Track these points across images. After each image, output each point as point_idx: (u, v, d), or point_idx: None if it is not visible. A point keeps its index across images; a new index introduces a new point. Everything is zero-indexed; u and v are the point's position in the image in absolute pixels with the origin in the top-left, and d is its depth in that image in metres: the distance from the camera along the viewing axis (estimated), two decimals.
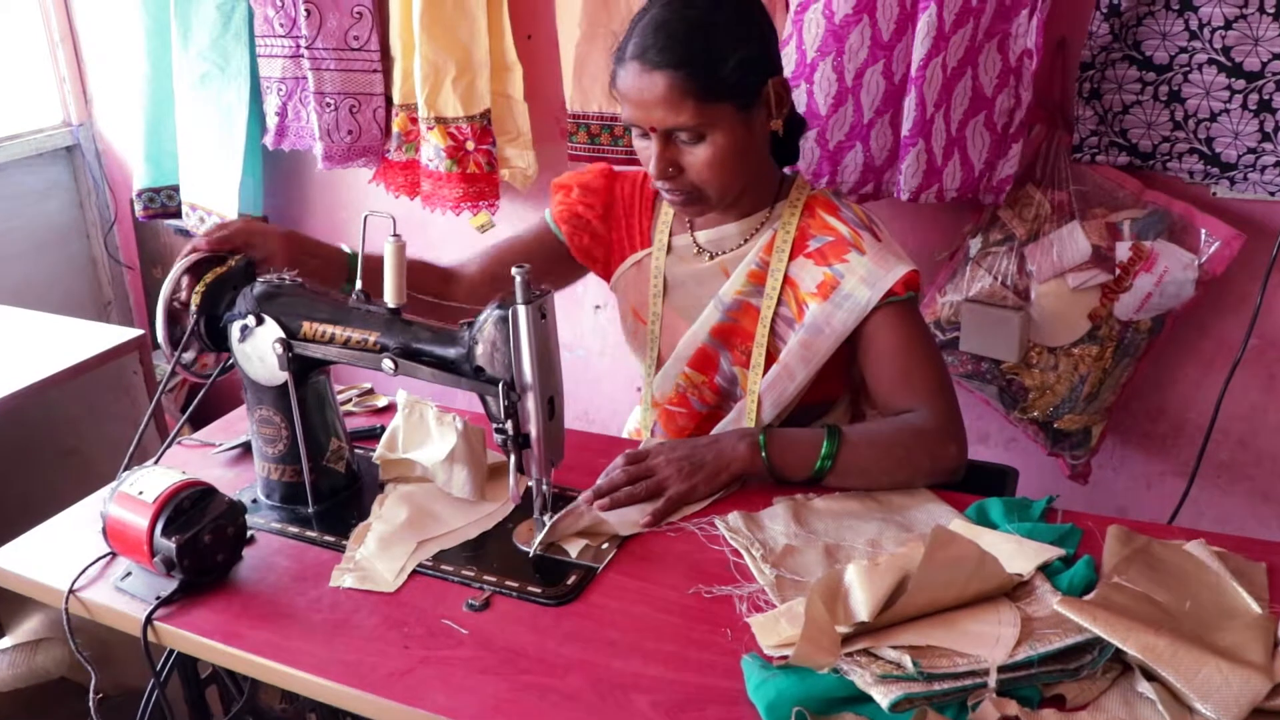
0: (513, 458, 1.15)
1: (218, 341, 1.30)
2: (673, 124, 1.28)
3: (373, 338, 1.20)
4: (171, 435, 1.39)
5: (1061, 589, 1.07)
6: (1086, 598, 1.04)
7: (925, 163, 1.67)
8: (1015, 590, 1.07)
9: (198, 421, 1.56)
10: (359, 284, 1.24)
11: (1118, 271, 1.64)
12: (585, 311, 2.34)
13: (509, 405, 1.12)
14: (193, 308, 1.28)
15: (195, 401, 1.38)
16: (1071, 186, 1.66)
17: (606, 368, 2.32)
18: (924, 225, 1.88)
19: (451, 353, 1.17)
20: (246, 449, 1.41)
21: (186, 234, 2.55)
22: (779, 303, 1.42)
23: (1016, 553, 1.13)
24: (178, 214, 2.53)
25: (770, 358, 1.43)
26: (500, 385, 1.11)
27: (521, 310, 1.09)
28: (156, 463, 1.28)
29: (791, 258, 1.41)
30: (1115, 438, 1.89)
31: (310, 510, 1.30)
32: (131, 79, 2.50)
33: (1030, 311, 1.70)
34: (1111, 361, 1.69)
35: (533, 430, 1.14)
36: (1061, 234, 1.66)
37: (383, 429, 1.41)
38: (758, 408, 1.43)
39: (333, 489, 1.33)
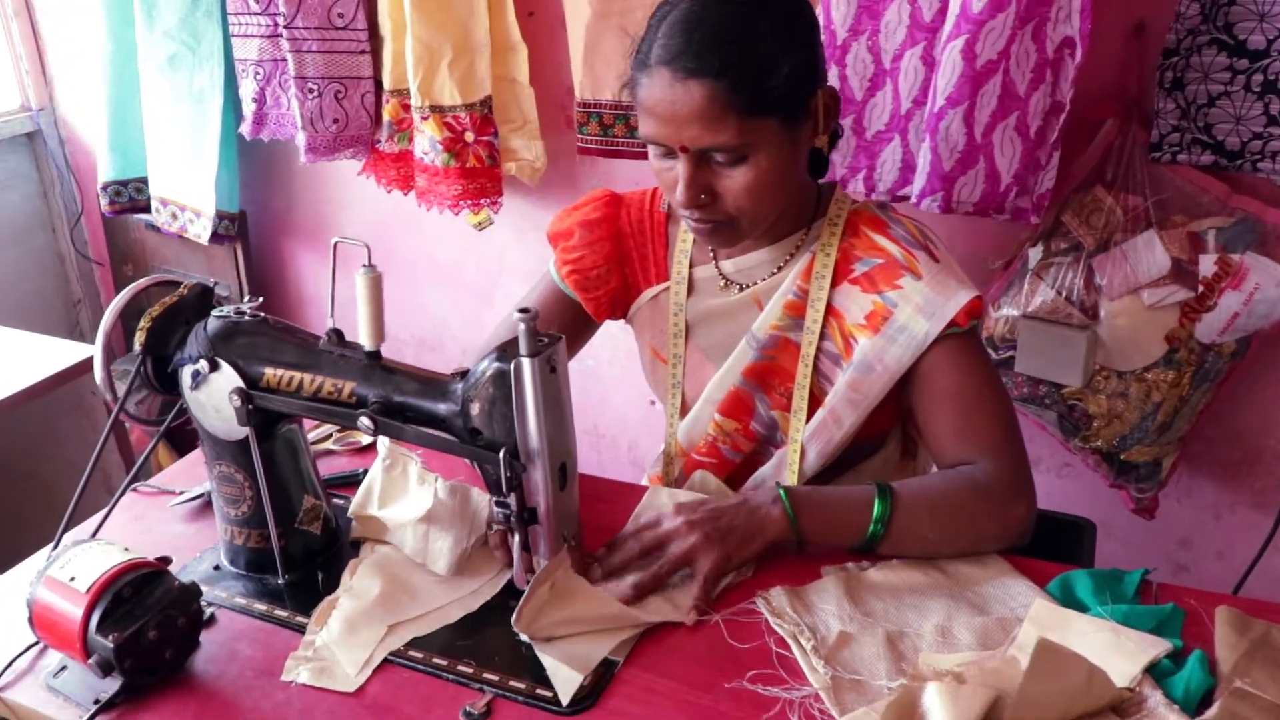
0: (516, 537, 0.97)
1: (168, 385, 1.11)
2: (709, 143, 1.08)
3: (348, 387, 1.01)
4: (125, 484, 1.19)
5: (1176, 697, 0.89)
6: (1210, 714, 0.87)
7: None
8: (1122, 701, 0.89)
9: (180, 444, 1.38)
10: (330, 321, 1.05)
11: (1200, 288, 1.44)
12: None
13: (512, 476, 0.93)
14: (136, 346, 1.09)
15: (151, 449, 1.19)
16: (1148, 190, 1.46)
17: (617, 378, 2.13)
18: (974, 229, 1.68)
19: (442, 409, 0.98)
20: (211, 499, 1.22)
21: (158, 230, 2.35)
22: (822, 337, 1.23)
23: (1115, 646, 0.95)
24: (147, 208, 2.33)
25: (814, 400, 1.23)
26: (501, 453, 0.92)
27: (526, 364, 0.90)
28: (95, 535, 1.10)
29: (834, 284, 1.22)
30: (1182, 464, 1.70)
31: (280, 581, 1.12)
32: (93, 60, 2.28)
33: (1098, 331, 1.50)
34: (1189, 388, 1.50)
35: (541, 504, 0.95)
36: (1136, 244, 1.46)
37: (364, 473, 1.23)
38: (800, 458, 1.24)
39: (308, 552, 1.15)
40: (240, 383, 1.03)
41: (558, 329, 1.33)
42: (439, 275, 2.30)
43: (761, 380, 1.26)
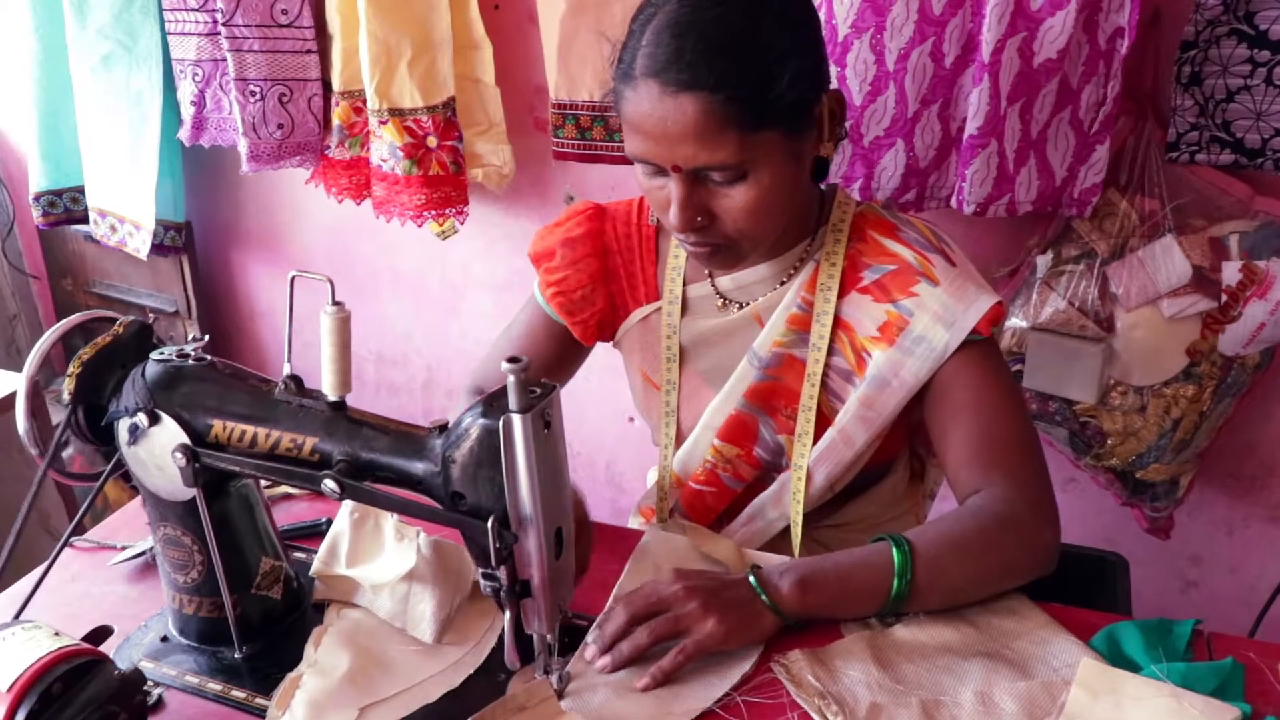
0: (508, 613, 0.85)
1: (104, 437, 0.98)
2: (706, 162, 0.96)
3: (309, 443, 0.89)
4: (59, 546, 1.05)
5: None
6: None
7: (997, 168, 1.37)
8: None
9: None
10: (287, 366, 0.92)
11: (1224, 297, 1.35)
12: None
13: (502, 547, 0.81)
14: (66, 394, 0.95)
15: (86, 508, 1.05)
16: (1165, 193, 1.37)
17: (593, 393, 2.01)
18: (977, 234, 1.58)
19: (419, 468, 0.86)
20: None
21: (98, 242, 2.19)
22: (831, 352, 1.12)
23: (1178, 715, 0.86)
24: (85, 219, 2.16)
25: (822, 420, 1.13)
26: (490, 521, 0.80)
27: (516, 421, 0.78)
28: (20, 613, 0.96)
29: (842, 295, 1.12)
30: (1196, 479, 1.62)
31: (237, 655, 0.99)
32: (20, 60, 2.11)
33: (1114, 344, 1.41)
34: (1210, 403, 1.41)
35: (535, 576, 0.83)
36: (1154, 251, 1.37)
37: (329, 523, 1.10)
38: (806, 484, 1.13)
39: (268, 620, 1.02)
40: (185, 438, 0.90)
41: (548, 357, 1.22)
42: (401, 286, 2.16)
43: (765, 402, 1.15)
